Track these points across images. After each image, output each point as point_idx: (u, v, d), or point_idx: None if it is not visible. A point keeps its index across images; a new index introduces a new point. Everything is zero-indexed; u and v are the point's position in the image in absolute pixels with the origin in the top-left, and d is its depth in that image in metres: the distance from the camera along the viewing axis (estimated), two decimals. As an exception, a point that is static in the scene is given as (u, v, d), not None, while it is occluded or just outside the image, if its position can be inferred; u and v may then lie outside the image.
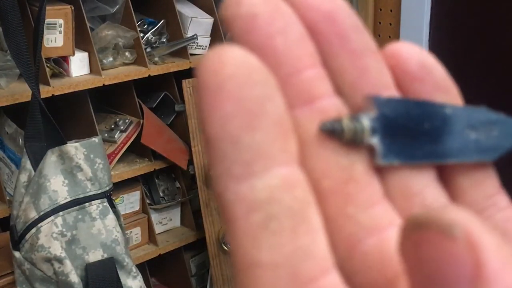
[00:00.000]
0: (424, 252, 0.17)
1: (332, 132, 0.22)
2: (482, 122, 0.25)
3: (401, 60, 0.24)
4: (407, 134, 0.24)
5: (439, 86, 0.24)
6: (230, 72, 0.19)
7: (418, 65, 0.24)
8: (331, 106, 0.22)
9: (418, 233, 0.17)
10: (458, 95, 0.25)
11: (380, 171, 0.23)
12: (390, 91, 0.24)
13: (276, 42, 0.21)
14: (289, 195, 0.19)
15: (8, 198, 1.82)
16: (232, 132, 0.19)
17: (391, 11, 2.16)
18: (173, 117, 2.15)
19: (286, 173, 0.19)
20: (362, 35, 0.23)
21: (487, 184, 0.24)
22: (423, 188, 0.23)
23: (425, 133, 0.24)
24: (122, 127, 2.00)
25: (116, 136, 1.99)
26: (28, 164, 1.62)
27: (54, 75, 1.83)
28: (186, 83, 1.95)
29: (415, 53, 0.24)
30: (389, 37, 2.16)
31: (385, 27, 2.18)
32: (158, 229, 2.16)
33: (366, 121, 0.23)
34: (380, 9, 2.18)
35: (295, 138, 0.20)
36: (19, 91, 1.74)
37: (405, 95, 0.24)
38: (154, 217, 2.15)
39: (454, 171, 0.24)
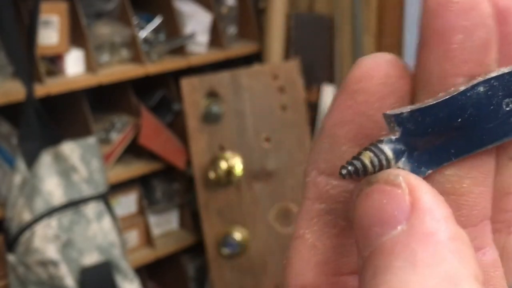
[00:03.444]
0: (374, 199, 0.21)
1: (356, 174, 0.22)
2: None
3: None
4: (437, 139, 0.23)
5: None
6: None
7: None
8: None
9: (370, 186, 0.21)
10: None
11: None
12: None
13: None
14: None
15: (1, 200, 1.80)
16: None
17: (394, 8, 2.13)
18: (171, 116, 2.14)
19: None
20: None
21: None
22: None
23: (458, 128, 0.23)
24: (119, 127, 1.99)
25: (112, 136, 1.98)
26: (22, 165, 1.61)
27: (49, 73, 1.81)
28: (184, 82, 1.94)
29: None
30: (392, 35, 2.14)
31: (388, 24, 2.16)
32: (155, 231, 2.15)
33: (388, 150, 0.23)
34: (383, 6, 2.16)
35: None
36: (13, 90, 1.72)
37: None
38: (152, 219, 2.14)
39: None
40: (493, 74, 0.23)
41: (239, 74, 1.97)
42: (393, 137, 0.23)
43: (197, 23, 2.07)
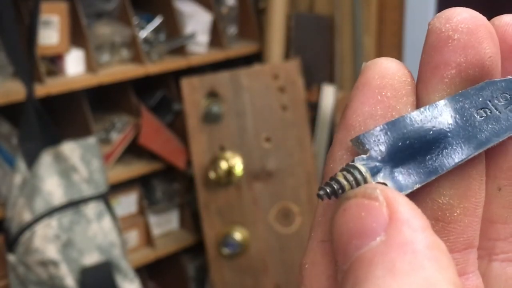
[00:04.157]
0: (352, 213, 0.21)
1: (334, 194, 0.23)
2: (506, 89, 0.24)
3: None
4: (414, 154, 0.23)
5: None
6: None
7: None
8: None
9: (348, 201, 0.21)
10: None
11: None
12: None
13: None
14: None
15: (2, 199, 1.79)
16: None
17: (394, 8, 2.13)
18: (172, 116, 2.14)
19: None
20: None
21: None
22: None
23: (431, 142, 0.23)
24: (119, 127, 1.99)
25: (113, 136, 1.98)
26: (22, 165, 1.61)
27: (49, 73, 1.81)
28: (184, 82, 1.94)
29: None
30: (393, 34, 2.14)
31: (388, 25, 2.16)
32: (156, 231, 2.14)
33: (361, 167, 0.23)
34: (383, 6, 2.15)
35: None
36: (13, 90, 1.72)
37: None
38: (152, 219, 2.13)
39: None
40: (457, 94, 0.24)
41: (239, 74, 1.97)
42: (364, 156, 0.23)
43: (197, 23, 2.06)
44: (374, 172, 0.23)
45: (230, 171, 1.92)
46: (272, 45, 2.12)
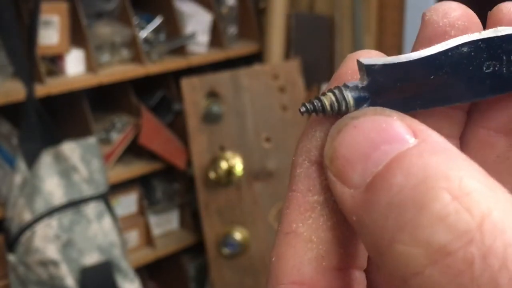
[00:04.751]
0: (369, 126, 0.21)
1: (315, 111, 0.23)
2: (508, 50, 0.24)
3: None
4: (405, 92, 0.23)
5: None
6: None
7: None
8: None
9: (356, 120, 0.21)
10: None
11: None
12: None
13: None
14: None
15: (2, 199, 1.79)
16: None
17: (394, 8, 2.13)
18: (172, 117, 2.14)
19: None
20: None
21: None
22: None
23: (428, 84, 0.23)
24: (119, 127, 1.99)
25: (113, 136, 1.98)
26: (22, 165, 1.61)
27: (49, 73, 1.81)
28: (185, 82, 1.94)
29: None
30: (393, 33, 2.14)
31: (388, 24, 2.16)
32: (156, 231, 2.14)
33: (350, 97, 0.23)
34: (383, 6, 2.15)
35: None
36: (13, 90, 1.72)
37: None
38: (152, 219, 2.13)
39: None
40: (481, 36, 0.24)
41: (239, 74, 1.97)
42: (360, 85, 0.23)
43: (197, 23, 2.06)
44: (359, 100, 0.23)
45: (230, 171, 1.92)
46: (272, 45, 2.12)
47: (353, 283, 0.23)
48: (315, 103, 0.23)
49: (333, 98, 0.23)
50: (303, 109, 0.23)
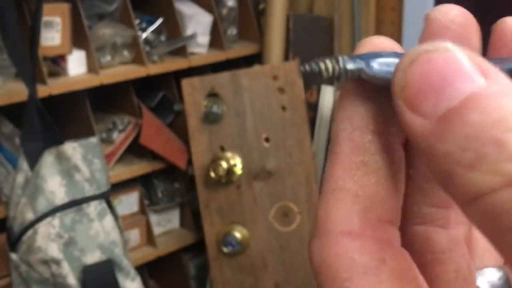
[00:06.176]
0: (442, 60, 0.22)
1: (311, 73, 0.25)
2: None
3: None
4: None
5: None
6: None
7: None
8: None
9: (428, 53, 0.22)
10: None
11: None
12: None
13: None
14: None
15: (4, 199, 1.81)
16: None
17: (392, 9, 2.14)
18: (172, 117, 2.15)
19: None
20: None
21: None
22: None
23: None
24: (120, 127, 2.00)
25: (114, 136, 1.99)
26: (24, 165, 1.61)
27: (51, 74, 1.82)
28: (185, 83, 1.94)
29: None
30: (391, 35, 2.15)
31: (387, 25, 2.17)
32: (156, 230, 2.15)
33: (350, 65, 0.25)
34: (382, 7, 2.16)
35: None
36: (15, 90, 1.72)
37: None
38: (153, 218, 2.14)
39: None
40: None
41: (239, 75, 1.98)
42: (360, 62, 0.25)
43: (197, 24, 2.07)
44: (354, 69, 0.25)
45: (230, 171, 1.93)
46: (272, 46, 2.13)
47: (393, 235, 0.24)
48: (313, 66, 0.25)
49: (330, 65, 0.25)
50: (302, 69, 0.25)
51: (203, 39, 2.09)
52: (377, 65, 0.25)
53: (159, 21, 2.04)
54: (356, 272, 0.23)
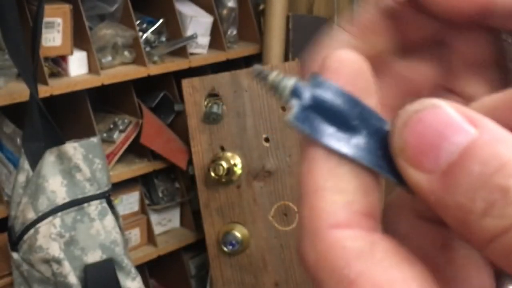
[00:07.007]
0: (433, 118, 0.23)
1: (258, 76, 0.26)
2: None
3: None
4: (330, 119, 0.25)
5: None
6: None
7: None
8: None
9: (418, 113, 0.23)
10: None
11: None
12: None
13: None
14: None
15: (6, 198, 1.81)
16: None
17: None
18: (173, 117, 2.15)
19: None
20: None
21: None
22: None
23: (348, 127, 0.25)
24: (121, 127, 2.00)
25: (115, 136, 1.99)
26: (26, 165, 1.61)
27: (53, 75, 1.82)
28: (185, 83, 1.95)
29: None
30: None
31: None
32: (157, 230, 2.15)
33: (291, 83, 0.25)
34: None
35: None
36: (17, 91, 1.73)
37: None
38: (153, 218, 2.14)
39: None
40: None
41: (239, 75, 1.98)
42: (306, 85, 0.25)
43: (198, 25, 2.08)
44: (294, 95, 0.25)
45: (230, 171, 1.93)
46: (272, 47, 2.14)
47: (377, 227, 0.25)
48: (263, 72, 0.26)
49: (276, 78, 0.26)
50: (254, 70, 0.26)
51: (203, 39, 2.10)
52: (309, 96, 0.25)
53: (160, 22, 2.04)
54: (351, 258, 0.23)
